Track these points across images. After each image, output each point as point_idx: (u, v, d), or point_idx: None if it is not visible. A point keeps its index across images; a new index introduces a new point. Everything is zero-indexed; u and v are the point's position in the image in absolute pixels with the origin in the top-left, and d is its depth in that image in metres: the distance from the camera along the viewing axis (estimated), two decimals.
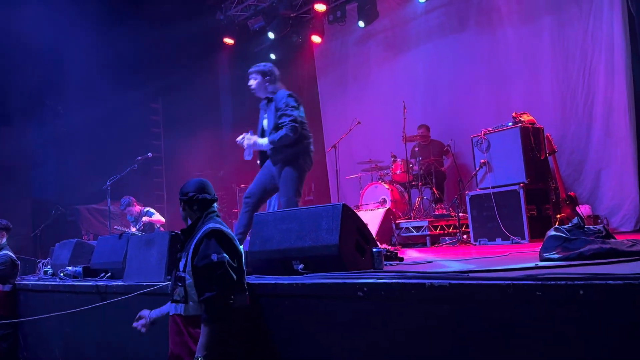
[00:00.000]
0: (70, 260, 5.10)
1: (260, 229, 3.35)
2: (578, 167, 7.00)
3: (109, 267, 4.50)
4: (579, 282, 1.65)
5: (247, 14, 9.68)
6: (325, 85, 10.49)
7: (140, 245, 3.99)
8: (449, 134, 8.10)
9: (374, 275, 2.46)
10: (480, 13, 8.19)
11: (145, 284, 3.63)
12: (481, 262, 3.27)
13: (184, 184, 2.97)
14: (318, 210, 3.19)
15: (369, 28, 9.16)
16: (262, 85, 4.58)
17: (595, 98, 6.89)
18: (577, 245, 2.68)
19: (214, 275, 2.50)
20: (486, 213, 5.85)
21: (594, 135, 6.91)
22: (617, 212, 6.64)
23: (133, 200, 7.67)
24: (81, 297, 4.28)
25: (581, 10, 7.05)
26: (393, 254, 3.62)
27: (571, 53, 7.14)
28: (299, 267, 3.06)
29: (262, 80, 4.57)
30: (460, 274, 2.13)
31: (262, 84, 4.58)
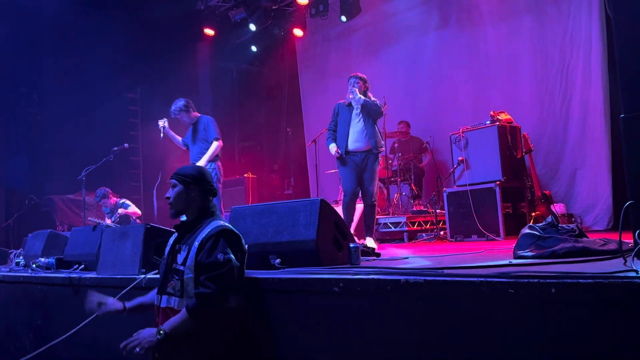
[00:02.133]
0: (43, 252, 5.01)
1: (238, 222, 3.33)
2: (554, 167, 7.11)
3: (83, 259, 4.43)
4: (551, 281, 1.67)
5: (228, 5, 9.56)
6: (306, 79, 10.45)
7: (115, 238, 3.93)
8: (428, 131, 8.15)
9: (351, 271, 2.46)
10: (461, 11, 8.24)
11: (119, 277, 3.59)
12: (456, 259, 3.30)
13: (185, 167, 2.84)
14: (296, 205, 3.18)
15: (350, 23, 9.14)
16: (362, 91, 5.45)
17: (572, 99, 7.00)
18: (550, 243, 2.73)
19: (215, 274, 2.45)
20: (463, 210, 5.91)
21: (570, 135, 7.02)
22: (591, 211, 6.77)
23: (109, 192, 7.55)
24: (54, 289, 4.21)
25: (560, 11, 7.14)
26: (370, 249, 3.63)
27: (550, 53, 7.23)
28: (276, 261, 3.06)
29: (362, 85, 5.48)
30: (435, 271, 2.15)
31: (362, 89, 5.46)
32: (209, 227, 2.63)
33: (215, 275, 2.46)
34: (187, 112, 5.94)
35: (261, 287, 2.68)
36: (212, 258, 2.49)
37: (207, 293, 2.44)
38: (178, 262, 2.65)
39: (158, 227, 3.70)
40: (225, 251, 2.50)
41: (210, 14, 9.54)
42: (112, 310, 2.91)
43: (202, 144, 5.84)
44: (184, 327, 2.46)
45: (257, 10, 8.85)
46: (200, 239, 2.59)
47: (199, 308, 2.44)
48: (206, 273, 2.48)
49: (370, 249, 3.64)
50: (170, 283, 2.65)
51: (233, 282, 2.51)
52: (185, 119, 5.97)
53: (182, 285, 2.57)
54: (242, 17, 9.17)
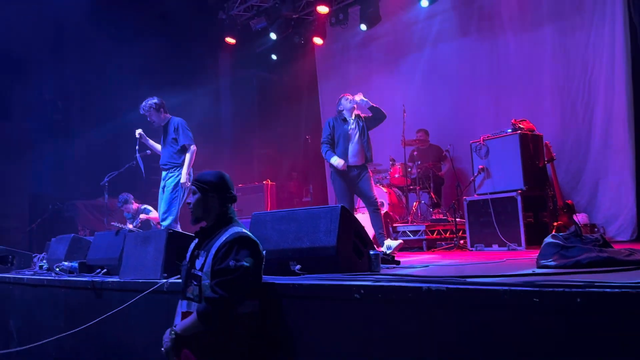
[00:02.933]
0: (67, 256, 5.09)
1: (258, 228, 3.35)
2: (576, 176, 7.02)
3: (105, 264, 4.48)
4: (576, 290, 1.66)
5: (250, 14, 9.68)
6: (325, 87, 10.49)
7: (137, 242, 3.98)
8: (447, 139, 8.10)
9: (371, 278, 2.46)
10: (481, 19, 8.21)
11: (141, 281, 3.63)
12: (478, 267, 3.28)
13: (205, 173, 2.87)
14: (317, 212, 3.19)
15: (371, 31, 9.17)
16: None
17: (595, 108, 6.91)
18: (574, 253, 2.69)
19: (225, 280, 2.49)
20: (483, 219, 5.86)
21: (593, 144, 6.92)
22: (614, 222, 6.65)
23: (131, 198, 7.66)
24: (77, 293, 4.27)
25: (583, 20, 7.08)
26: (390, 257, 3.62)
27: (572, 62, 7.16)
28: (296, 267, 3.07)
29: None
30: (457, 279, 2.14)
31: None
32: (226, 234, 2.66)
33: (225, 280, 2.50)
34: (157, 112, 5.74)
35: (280, 293, 2.69)
36: (224, 264, 2.54)
37: (215, 298, 2.48)
38: (196, 267, 2.69)
39: (180, 232, 3.74)
40: (237, 257, 2.54)
41: (232, 23, 9.65)
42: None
43: (171, 147, 5.68)
44: (194, 329, 2.54)
45: (277, 19, 8.93)
46: (217, 245, 2.64)
47: (206, 312, 2.50)
48: (217, 278, 2.53)
49: (390, 257, 3.62)
50: (190, 288, 2.70)
51: (244, 287, 2.55)
52: (155, 118, 5.77)
53: (200, 290, 2.62)
54: (262, 26, 9.27)
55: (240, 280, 2.51)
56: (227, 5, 9.72)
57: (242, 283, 2.52)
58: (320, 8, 8.65)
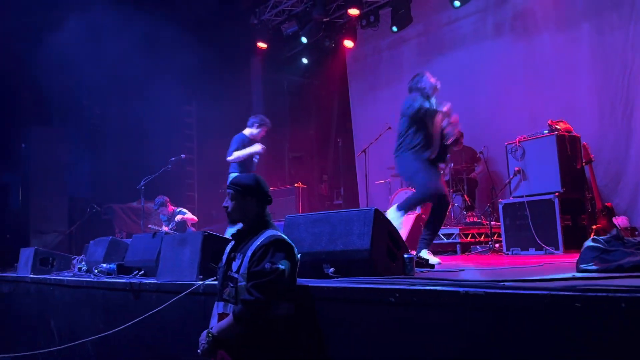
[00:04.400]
0: (105, 258, 5.21)
1: (292, 231, 3.37)
2: (615, 178, 6.81)
3: (142, 265, 4.58)
4: (621, 295, 1.61)
5: (281, 19, 9.76)
6: (356, 90, 10.48)
7: (174, 245, 4.05)
8: (481, 140, 7.99)
9: (406, 281, 2.45)
10: (515, 19, 8.07)
11: (178, 283, 3.69)
12: (515, 271, 3.22)
13: (241, 175, 2.93)
14: (350, 215, 3.19)
15: (402, 33, 9.12)
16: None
17: (634, 108, 6.70)
18: (616, 257, 2.62)
19: (261, 282, 2.52)
20: (519, 222, 5.74)
21: (633, 146, 6.71)
22: None
23: (167, 201, 7.82)
24: (115, 294, 4.37)
25: (621, 17, 6.88)
26: (424, 260, 3.59)
27: (610, 61, 6.96)
28: (330, 270, 3.07)
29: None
30: (495, 283, 2.10)
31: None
32: (262, 237, 2.69)
33: (261, 283, 2.52)
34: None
35: (315, 296, 2.70)
36: (260, 267, 2.57)
37: (251, 300, 2.51)
38: (233, 269, 2.73)
39: (215, 234, 3.79)
40: (273, 260, 2.56)
41: (263, 28, 9.75)
42: None
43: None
44: (230, 331, 2.57)
45: (308, 23, 8.97)
46: (253, 248, 2.67)
47: (243, 314, 2.53)
48: (253, 281, 2.56)
49: (424, 260, 3.59)
50: (226, 290, 2.73)
51: (280, 290, 2.56)
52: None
53: (237, 292, 2.65)
54: (293, 31, 9.33)
55: (275, 283, 2.53)
56: (258, 10, 9.83)
57: (277, 285, 2.54)
58: (351, 11, 8.65)
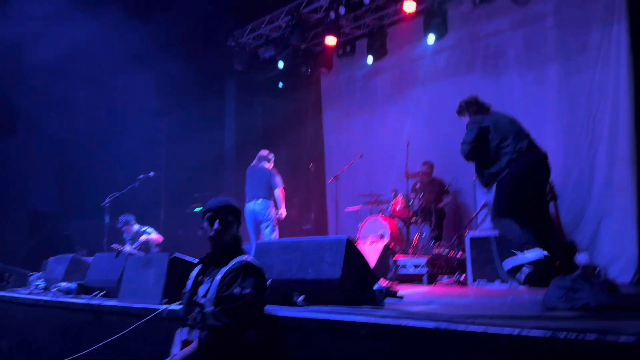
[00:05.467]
0: (65, 276, 5.04)
1: (262, 256, 3.33)
2: (578, 215, 6.98)
3: (104, 285, 4.44)
4: (591, 335, 1.63)
5: (259, 43, 9.80)
6: (330, 117, 10.55)
7: (138, 266, 3.95)
8: (450, 173, 8.12)
9: (377, 314, 2.43)
10: (487, 57, 8.31)
11: (140, 307, 3.58)
12: (484, 306, 3.24)
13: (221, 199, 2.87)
14: (321, 242, 3.18)
15: (377, 64, 9.27)
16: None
17: (598, 148, 6.92)
18: (582, 295, 2.67)
19: (229, 307, 2.47)
20: (485, 254, 5.81)
21: (596, 184, 6.91)
22: (616, 263, 6.58)
23: (132, 219, 7.63)
24: (74, 315, 4.21)
25: (588, 60, 7.15)
26: (393, 291, 3.58)
27: (577, 101, 7.20)
28: (299, 299, 3.04)
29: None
30: (467, 318, 2.11)
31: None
32: (233, 261, 2.65)
33: (230, 308, 2.47)
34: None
35: (284, 324, 2.66)
36: (229, 291, 2.52)
37: (218, 326, 2.45)
38: (199, 294, 2.66)
39: (182, 257, 3.71)
40: (243, 285, 2.52)
41: (241, 51, 9.77)
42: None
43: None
44: (194, 358, 2.48)
45: (285, 49, 9.04)
46: (222, 272, 2.62)
47: (209, 340, 2.46)
48: (221, 306, 2.50)
49: (393, 292, 3.58)
50: (192, 315, 2.66)
51: (249, 316, 2.51)
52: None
53: (203, 317, 2.58)
54: (270, 55, 9.38)
55: (244, 309, 2.48)
56: (236, 33, 9.85)
57: (246, 311, 2.49)
58: (328, 39, 8.76)
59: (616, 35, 6.85)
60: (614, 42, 6.88)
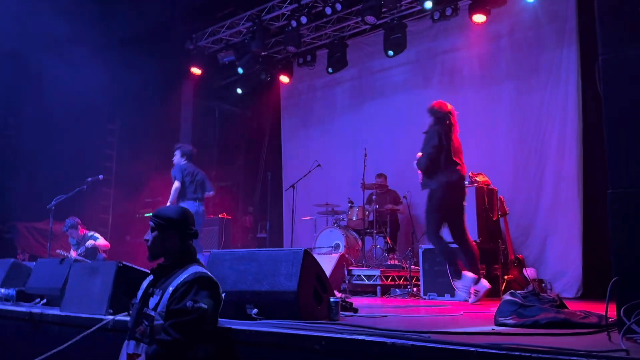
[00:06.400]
0: (4, 282, 4.75)
1: (216, 267, 3.24)
2: (526, 231, 7.22)
3: (46, 293, 4.22)
4: (545, 356, 1.65)
5: (218, 47, 9.68)
6: (288, 125, 10.54)
7: (84, 274, 3.78)
8: (406, 185, 8.21)
9: (333, 328, 2.40)
10: (443, 73, 8.51)
11: (84, 317, 3.42)
12: (437, 321, 3.26)
13: (164, 208, 2.77)
14: (278, 254, 3.12)
15: (336, 75, 9.34)
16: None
17: (546, 166, 7.20)
18: (532, 312, 2.72)
19: (180, 322, 2.36)
20: (437, 268, 5.88)
21: (543, 201, 7.18)
22: (561, 278, 6.85)
23: (78, 223, 7.32)
24: (12, 323, 3.98)
25: (539, 81, 7.44)
26: (348, 304, 3.57)
27: (526, 121, 7.47)
28: (253, 311, 2.97)
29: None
30: (421, 335, 2.11)
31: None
32: (185, 273, 2.54)
33: (181, 322, 2.37)
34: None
35: (237, 339, 2.58)
36: (181, 304, 2.41)
37: (168, 341, 2.35)
38: (149, 306, 2.55)
39: (131, 266, 3.57)
40: (196, 299, 2.42)
41: (199, 54, 9.62)
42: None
43: None
44: None
45: (245, 55, 8.96)
46: (174, 284, 2.51)
47: (157, 355, 2.35)
48: (172, 319, 2.40)
49: (349, 304, 3.57)
50: (140, 328, 2.54)
51: (200, 331, 2.42)
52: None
53: (152, 331, 2.47)
54: (230, 60, 9.28)
55: (196, 323, 2.39)
56: (195, 36, 9.70)
57: (198, 326, 2.40)
58: (289, 48, 8.75)
59: (566, 59, 7.17)
60: (563, 65, 7.19)
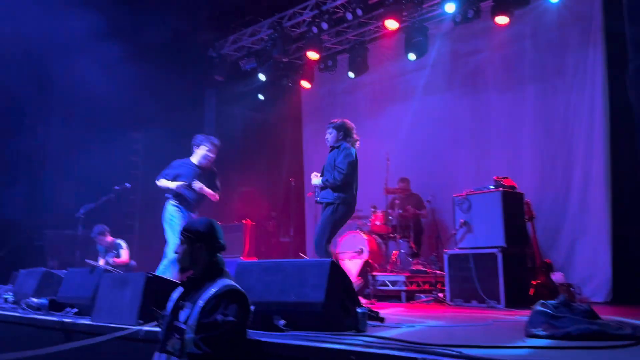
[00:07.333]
0: (36, 291, 4.87)
1: (242, 278, 3.27)
2: (553, 235, 7.10)
3: (77, 302, 4.31)
4: None
5: (240, 54, 9.76)
6: (309, 130, 10.55)
7: (114, 284, 3.85)
8: (429, 189, 8.18)
9: (362, 341, 2.40)
10: (466, 76, 8.42)
11: (115, 326, 3.48)
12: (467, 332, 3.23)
13: (193, 221, 2.83)
14: (304, 265, 3.14)
15: (357, 79, 9.31)
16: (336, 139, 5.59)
17: (573, 169, 7.06)
18: (564, 323, 2.68)
19: (210, 336, 2.39)
20: (463, 273, 5.83)
21: (571, 204, 7.05)
22: (590, 282, 6.71)
23: (106, 230, 7.46)
24: (45, 333, 4.07)
25: (564, 82, 7.31)
26: (374, 313, 3.56)
27: (552, 123, 7.35)
28: (280, 323, 2.98)
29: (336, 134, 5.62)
30: (452, 350, 2.09)
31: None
32: (215, 287, 2.57)
33: (211, 336, 2.40)
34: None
35: (266, 352, 2.60)
36: (211, 318, 2.45)
37: (199, 354, 2.38)
38: (180, 319, 2.58)
39: (160, 276, 3.63)
40: (226, 312, 2.45)
41: (221, 62, 9.71)
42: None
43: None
44: None
45: (267, 62, 9.02)
46: (205, 298, 2.54)
47: None
48: (203, 333, 2.43)
49: (374, 313, 3.56)
50: (171, 341, 2.57)
51: (231, 345, 2.44)
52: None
53: (183, 345, 2.50)
54: (252, 67, 9.34)
55: (226, 337, 2.41)
56: (217, 44, 9.80)
57: (228, 340, 2.42)
58: (310, 54, 8.77)
59: (592, 60, 7.03)
60: (589, 66, 7.06)
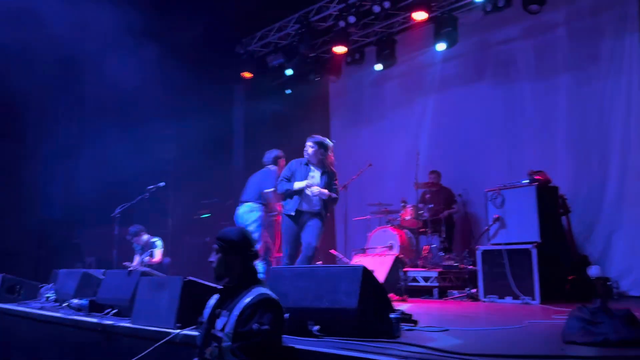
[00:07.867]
0: (76, 291, 5.03)
1: (276, 284, 3.30)
2: (589, 227, 6.93)
3: (116, 304, 4.43)
4: None
5: (267, 50, 9.79)
6: (337, 124, 10.53)
7: (151, 287, 3.94)
8: (460, 183, 8.09)
9: (396, 349, 2.41)
10: (497, 66, 8.24)
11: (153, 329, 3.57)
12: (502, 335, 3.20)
13: (226, 230, 2.85)
14: (337, 271, 3.16)
15: (386, 72, 9.22)
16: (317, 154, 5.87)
17: (610, 159, 6.87)
18: (602, 329, 2.63)
19: (247, 344, 2.44)
20: (497, 269, 5.76)
21: (608, 196, 6.86)
22: (628, 276, 6.54)
23: (141, 230, 7.64)
24: (86, 334, 4.21)
25: (599, 70, 7.09)
26: (407, 316, 3.56)
27: (588, 112, 7.15)
28: (315, 328, 3.01)
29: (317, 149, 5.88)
30: None
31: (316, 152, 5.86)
32: (250, 295, 2.61)
33: (248, 345, 2.45)
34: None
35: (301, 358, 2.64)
36: (247, 327, 2.49)
37: None
38: (217, 327, 2.64)
39: (196, 280, 3.69)
40: (262, 321, 2.49)
41: (249, 58, 9.76)
42: None
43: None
44: None
45: (294, 57, 9.02)
46: (240, 307, 2.58)
47: None
48: (240, 342, 2.48)
49: (407, 316, 3.56)
50: (209, 349, 2.63)
51: (267, 353, 2.49)
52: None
53: (220, 353, 2.56)
54: (279, 63, 9.36)
55: (263, 345, 2.46)
56: (245, 41, 9.84)
57: (264, 348, 2.47)
58: (337, 48, 8.72)
59: (628, 47, 6.81)
60: (626, 53, 6.83)
